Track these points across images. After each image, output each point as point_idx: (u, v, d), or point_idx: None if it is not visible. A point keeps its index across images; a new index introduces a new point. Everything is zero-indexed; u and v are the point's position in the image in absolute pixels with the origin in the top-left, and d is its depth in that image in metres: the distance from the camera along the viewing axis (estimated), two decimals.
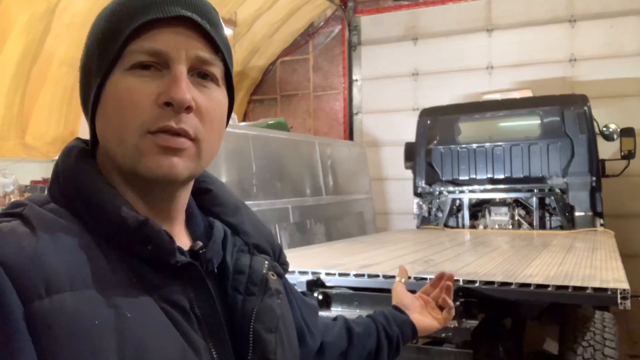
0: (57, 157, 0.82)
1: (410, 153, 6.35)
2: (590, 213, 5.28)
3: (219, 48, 0.79)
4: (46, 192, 0.80)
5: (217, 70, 0.80)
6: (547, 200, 5.53)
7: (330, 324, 1.23)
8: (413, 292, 2.73)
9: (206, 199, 0.93)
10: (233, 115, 0.88)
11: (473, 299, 2.37)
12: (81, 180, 0.77)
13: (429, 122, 6.12)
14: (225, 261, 0.86)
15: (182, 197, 0.84)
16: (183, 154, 0.76)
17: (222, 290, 0.84)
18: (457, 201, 5.90)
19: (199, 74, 0.78)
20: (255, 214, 0.99)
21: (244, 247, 0.91)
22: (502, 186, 5.72)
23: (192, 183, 0.85)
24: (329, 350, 1.16)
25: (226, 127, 0.86)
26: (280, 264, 0.97)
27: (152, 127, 0.73)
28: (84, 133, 0.81)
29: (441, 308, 1.44)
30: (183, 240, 0.85)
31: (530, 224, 5.56)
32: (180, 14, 0.75)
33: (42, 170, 6.17)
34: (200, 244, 0.82)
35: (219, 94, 0.81)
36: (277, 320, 0.85)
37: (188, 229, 0.88)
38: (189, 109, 0.74)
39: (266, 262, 0.91)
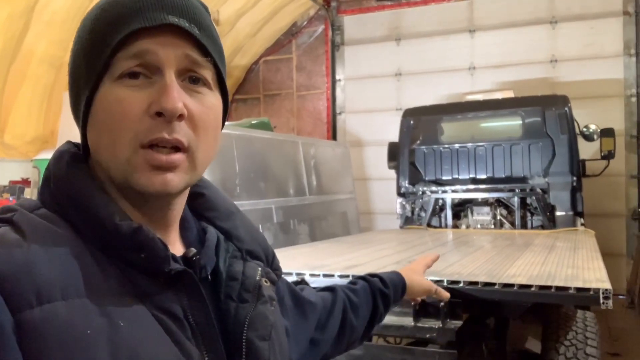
0: (36, 157, 0.80)
1: (394, 153, 6.36)
2: (571, 213, 5.33)
3: (208, 52, 0.77)
4: (36, 196, 0.78)
5: (208, 73, 0.77)
6: (529, 200, 5.57)
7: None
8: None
9: (199, 203, 0.91)
10: None
11: (457, 299, 2.37)
12: (74, 186, 0.75)
13: (412, 122, 6.14)
14: (218, 267, 0.85)
15: (178, 206, 0.82)
16: (177, 169, 0.74)
17: (215, 296, 0.83)
18: (440, 201, 5.92)
19: (190, 78, 0.75)
20: (249, 219, 0.97)
21: (237, 253, 0.89)
22: (484, 186, 5.75)
23: (187, 191, 0.84)
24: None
25: (222, 129, 0.84)
26: (274, 269, 0.96)
27: (145, 139, 0.71)
28: (64, 132, 0.80)
29: None
30: (176, 247, 0.83)
31: (512, 224, 5.60)
32: (167, 21, 0.72)
33: (21, 170, 6.07)
34: (194, 250, 0.80)
35: (212, 98, 0.78)
36: (270, 328, 0.84)
37: (180, 234, 0.86)
38: (181, 117, 0.72)
39: (259, 268, 0.89)
